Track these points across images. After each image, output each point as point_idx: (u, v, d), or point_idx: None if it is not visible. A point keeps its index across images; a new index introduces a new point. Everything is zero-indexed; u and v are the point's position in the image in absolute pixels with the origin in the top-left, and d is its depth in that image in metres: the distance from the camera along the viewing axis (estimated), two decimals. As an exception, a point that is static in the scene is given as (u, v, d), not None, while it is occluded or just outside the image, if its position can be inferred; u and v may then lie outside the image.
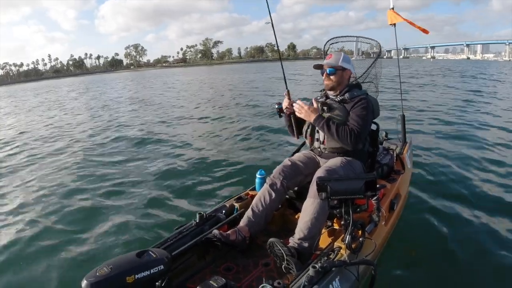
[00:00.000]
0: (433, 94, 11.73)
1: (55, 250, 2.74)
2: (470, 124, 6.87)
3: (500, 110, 8.68)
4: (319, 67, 2.19)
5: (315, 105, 2.14)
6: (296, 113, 2.09)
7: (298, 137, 2.31)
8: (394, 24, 3.55)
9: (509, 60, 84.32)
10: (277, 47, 2.51)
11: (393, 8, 3.49)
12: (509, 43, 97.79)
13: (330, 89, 2.16)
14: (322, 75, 2.16)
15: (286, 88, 2.21)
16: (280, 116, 2.30)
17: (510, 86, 15.28)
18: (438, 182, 3.72)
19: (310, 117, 2.03)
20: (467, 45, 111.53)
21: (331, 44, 2.65)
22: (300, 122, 2.29)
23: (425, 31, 3.67)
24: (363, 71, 2.46)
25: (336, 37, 2.64)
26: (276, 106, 2.25)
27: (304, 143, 2.53)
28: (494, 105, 9.41)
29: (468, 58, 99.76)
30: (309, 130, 2.22)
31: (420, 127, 6.56)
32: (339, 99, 2.12)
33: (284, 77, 2.35)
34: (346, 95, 2.11)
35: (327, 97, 2.20)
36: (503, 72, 27.14)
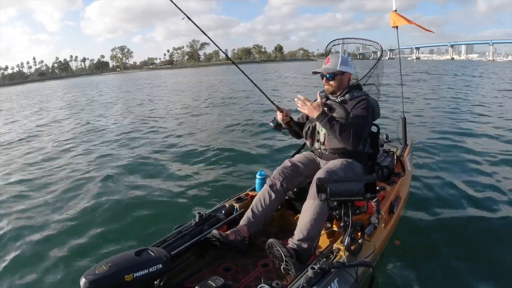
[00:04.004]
0: (433, 95, 11.73)
1: (54, 248, 2.75)
2: (471, 126, 6.86)
3: (499, 109, 8.71)
4: (318, 73, 2.19)
5: (319, 100, 2.07)
6: (299, 108, 2.07)
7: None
8: (397, 27, 3.53)
9: (493, 60, 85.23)
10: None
11: (395, 11, 3.48)
12: (493, 43, 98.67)
13: (331, 93, 2.17)
14: (322, 79, 2.16)
15: (274, 104, 2.24)
16: (280, 131, 2.31)
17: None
18: (438, 185, 3.71)
19: (313, 113, 2.00)
20: (452, 46, 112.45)
21: (333, 46, 2.66)
22: (302, 125, 2.30)
23: (430, 31, 3.69)
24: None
25: (339, 39, 2.65)
26: (272, 125, 2.27)
27: (304, 144, 2.53)
28: (492, 104, 9.41)
29: (453, 58, 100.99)
30: (309, 131, 2.22)
31: (421, 129, 6.55)
32: (339, 100, 2.12)
33: (267, 97, 2.40)
34: (347, 96, 2.11)
35: (327, 98, 2.20)
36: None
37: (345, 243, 1.66)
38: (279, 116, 2.22)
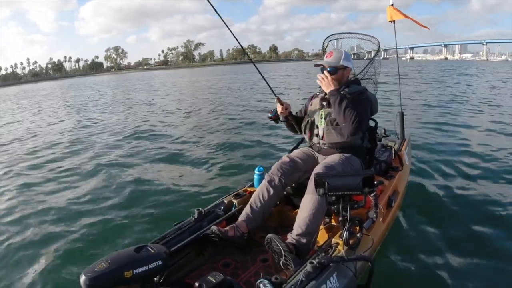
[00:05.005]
0: (431, 91, 11.77)
1: (54, 246, 2.74)
2: (467, 119, 6.90)
3: (493, 102, 8.78)
4: (320, 66, 2.19)
5: (279, 109, 2.22)
6: (318, 81, 2.12)
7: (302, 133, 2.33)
8: (394, 21, 3.52)
9: (486, 59, 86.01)
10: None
11: (392, 5, 3.46)
12: (486, 43, 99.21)
13: None
14: (323, 73, 2.16)
15: (275, 96, 2.24)
16: (277, 123, 2.30)
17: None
18: (436, 179, 3.73)
19: (328, 88, 2.06)
20: (445, 46, 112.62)
21: (330, 41, 2.65)
22: (299, 119, 2.30)
23: (425, 27, 3.69)
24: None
25: (336, 34, 2.64)
26: (269, 115, 2.26)
27: (302, 140, 2.53)
28: (489, 100, 9.46)
29: (446, 58, 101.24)
30: (308, 125, 2.22)
31: (419, 123, 6.57)
32: None
33: (270, 87, 2.37)
34: (346, 90, 2.11)
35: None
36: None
37: (344, 238, 1.66)
38: (279, 109, 2.22)
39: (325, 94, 2.18)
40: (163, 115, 9.62)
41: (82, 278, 1.29)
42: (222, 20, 2.23)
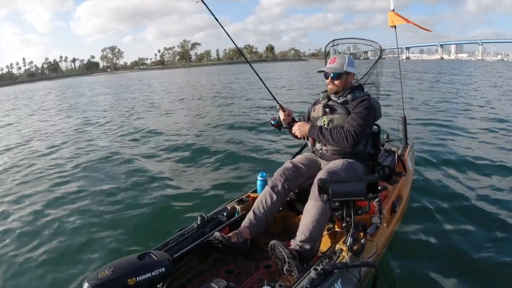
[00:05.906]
0: (434, 95, 11.74)
1: (57, 253, 2.74)
2: (472, 124, 6.86)
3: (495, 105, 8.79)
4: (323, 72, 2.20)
5: (282, 116, 2.22)
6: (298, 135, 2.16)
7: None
8: (395, 26, 3.53)
9: (482, 59, 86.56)
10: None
11: (394, 10, 3.48)
12: (482, 43, 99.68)
13: (335, 93, 2.18)
14: (326, 79, 2.17)
15: (277, 103, 2.25)
16: (280, 129, 2.31)
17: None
18: (439, 184, 3.70)
19: (304, 130, 2.12)
20: (441, 46, 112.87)
21: (332, 46, 2.66)
22: None
23: (428, 30, 3.73)
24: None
25: (338, 39, 2.66)
26: (272, 123, 2.28)
27: (305, 145, 2.53)
28: (494, 105, 9.43)
29: (442, 58, 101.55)
30: None
31: (422, 128, 6.54)
32: (341, 101, 2.13)
33: (272, 94, 2.36)
34: (349, 97, 2.12)
35: (329, 98, 2.20)
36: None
37: (348, 244, 1.66)
38: (281, 116, 2.22)
39: (328, 100, 2.19)
40: (163, 118, 9.64)
41: (86, 286, 1.29)
42: (217, 21, 2.25)
